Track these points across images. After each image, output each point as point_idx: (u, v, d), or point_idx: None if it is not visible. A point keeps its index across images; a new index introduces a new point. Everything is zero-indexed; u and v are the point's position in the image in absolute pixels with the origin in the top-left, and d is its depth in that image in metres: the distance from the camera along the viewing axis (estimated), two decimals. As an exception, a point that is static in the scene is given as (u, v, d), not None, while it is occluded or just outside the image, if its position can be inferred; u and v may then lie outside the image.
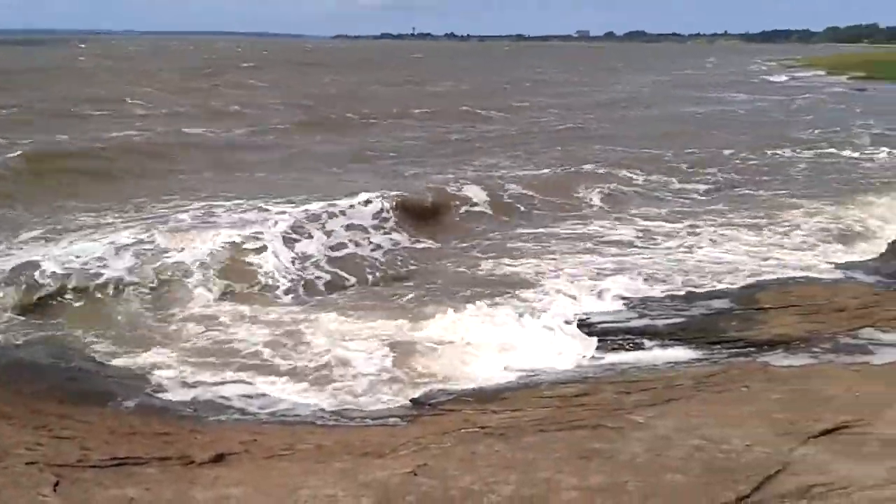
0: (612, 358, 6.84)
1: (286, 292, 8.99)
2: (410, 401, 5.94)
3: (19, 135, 18.24)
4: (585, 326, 7.51)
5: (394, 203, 12.14)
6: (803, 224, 11.98)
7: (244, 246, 9.84)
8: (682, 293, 8.61)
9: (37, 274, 8.66)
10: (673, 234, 11.57)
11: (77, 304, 8.39)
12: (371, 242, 10.97)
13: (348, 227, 11.24)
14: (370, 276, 9.82)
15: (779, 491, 4.11)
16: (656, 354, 7.04)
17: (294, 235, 10.52)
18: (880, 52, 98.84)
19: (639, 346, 7.20)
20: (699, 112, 30.07)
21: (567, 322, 7.41)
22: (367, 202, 12.02)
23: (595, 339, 7.13)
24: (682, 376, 6.13)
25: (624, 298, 8.44)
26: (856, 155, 19.02)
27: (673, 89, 44.10)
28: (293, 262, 9.76)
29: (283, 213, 11.39)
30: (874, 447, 4.54)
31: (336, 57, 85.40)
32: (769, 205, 13.41)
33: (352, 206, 11.80)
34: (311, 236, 10.63)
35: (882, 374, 5.93)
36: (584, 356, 6.83)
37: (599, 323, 7.71)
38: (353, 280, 9.61)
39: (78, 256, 9.25)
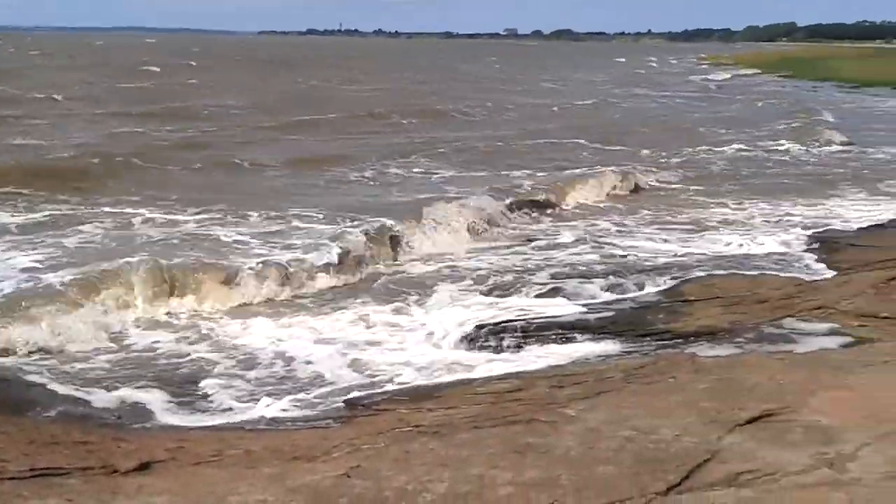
0: (545, 351, 6.89)
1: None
2: (344, 402, 5.85)
3: None
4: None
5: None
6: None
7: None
8: (613, 287, 8.74)
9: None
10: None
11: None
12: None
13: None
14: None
15: (707, 479, 4.18)
16: (588, 348, 7.12)
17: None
18: (799, 50, 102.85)
19: (571, 340, 7.28)
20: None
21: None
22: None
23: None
24: (612, 369, 6.20)
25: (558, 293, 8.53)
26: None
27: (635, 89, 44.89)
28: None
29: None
30: (798, 434, 4.66)
31: (274, 53, 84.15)
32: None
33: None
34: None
35: (804, 362, 6.10)
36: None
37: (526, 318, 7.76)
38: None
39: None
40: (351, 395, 5.96)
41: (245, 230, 10.89)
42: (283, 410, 5.79)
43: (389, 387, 6.15)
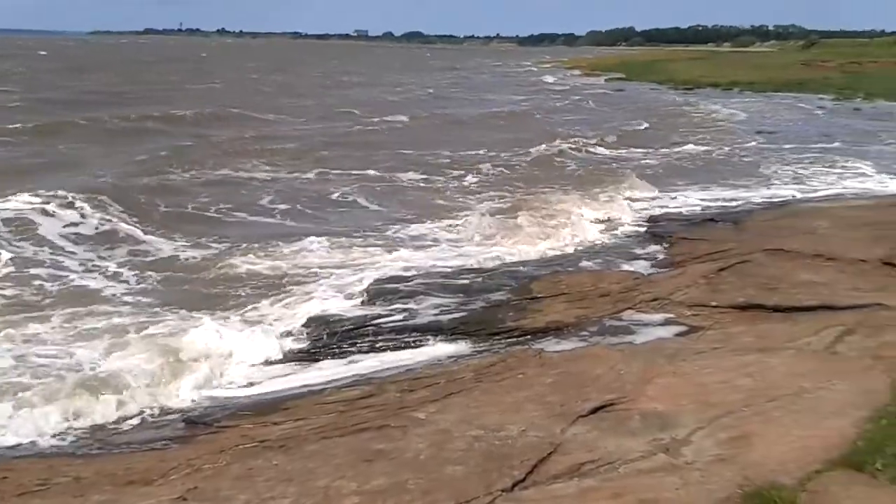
0: (397, 356, 6.86)
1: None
2: (183, 420, 5.58)
3: None
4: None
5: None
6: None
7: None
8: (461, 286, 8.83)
9: None
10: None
11: None
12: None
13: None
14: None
15: (552, 472, 4.28)
16: (440, 349, 7.15)
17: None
18: (638, 54, 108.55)
19: (424, 343, 7.28)
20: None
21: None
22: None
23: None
24: (463, 369, 6.24)
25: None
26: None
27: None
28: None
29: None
30: (636, 422, 4.86)
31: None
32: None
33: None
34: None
35: (642, 352, 6.37)
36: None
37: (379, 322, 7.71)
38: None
39: None
40: (191, 413, 5.69)
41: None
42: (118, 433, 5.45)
43: (233, 400, 5.91)
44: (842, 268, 8.24)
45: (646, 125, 27.25)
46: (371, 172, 16.51)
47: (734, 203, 13.93)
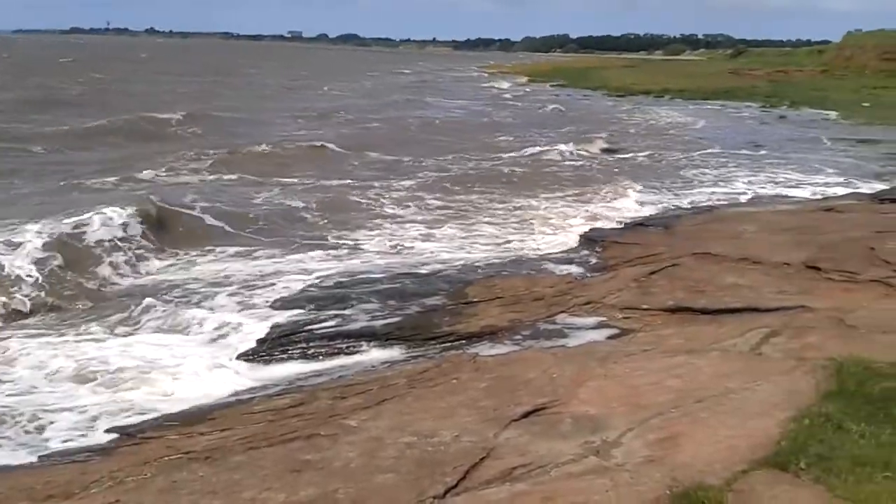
0: (328, 363, 6.76)
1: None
2: (107, 431, 5.39)
3: None
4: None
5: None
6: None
7: None
8: (397, 291, 8.77)
9: None
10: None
11: None
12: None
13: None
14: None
15: (484, 477, 4.26)
16: (374, 355, 7.08)
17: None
18: (573, 61, 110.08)
19: (358, 349, 7.20)
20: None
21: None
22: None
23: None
24: (397, 375, 6.19)
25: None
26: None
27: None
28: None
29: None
30: (567, 425, 4.87)
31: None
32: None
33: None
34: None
35: (575, 355, 6.41)
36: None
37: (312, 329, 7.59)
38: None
39: None
40: (115, 424, 5.50)
41: None
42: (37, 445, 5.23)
43: (159, 410, 5.74)
44: (767, 271, 8.45)
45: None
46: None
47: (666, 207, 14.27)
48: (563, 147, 21.88)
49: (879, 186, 16.16)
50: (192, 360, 6.71)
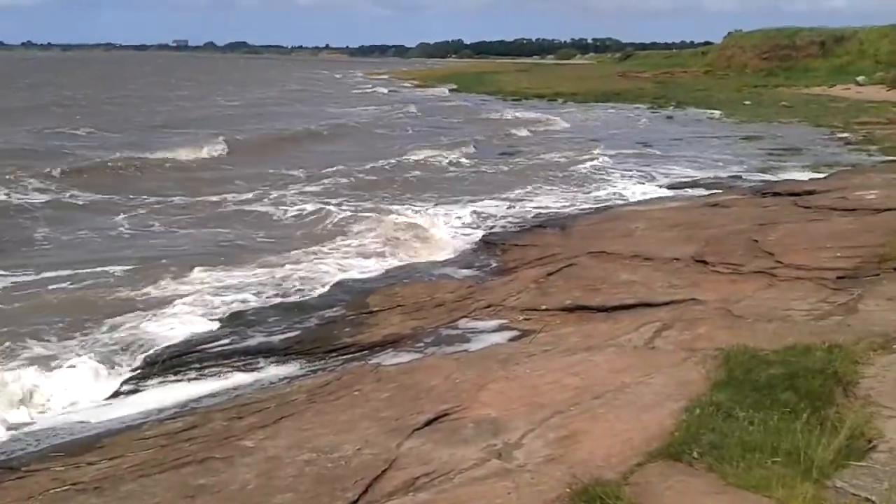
0: (223, 383, 6.55)
1: None
2: (-13, 466, 5.05)
3: None
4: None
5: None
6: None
7: None
8: (295, 304, 8.61)
9: None
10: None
11: None
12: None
13: None
14: None
15: (387, 489, 4.20)
16: (273, 372, 6.91)
17: None
18: (467, 66, 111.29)
19: (254, 366, 7.00)
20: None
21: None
22: None
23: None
24: (296, 390, 6.05)
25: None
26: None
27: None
28: None
29: None
30: (469, 430, 4.86)
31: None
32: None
33: None
34: None
35: (477, 359, 6.43)
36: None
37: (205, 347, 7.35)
38: None
39: None
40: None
41: None
42: None
43: (42, 442, 5.42)
44: (658, 266, 8.72)
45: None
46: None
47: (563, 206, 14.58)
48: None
49: (761, 180, 16.99)
50: (75, 383, 6.38)
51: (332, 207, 14.30)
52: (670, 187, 16.81)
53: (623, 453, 4.21)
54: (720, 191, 15.26)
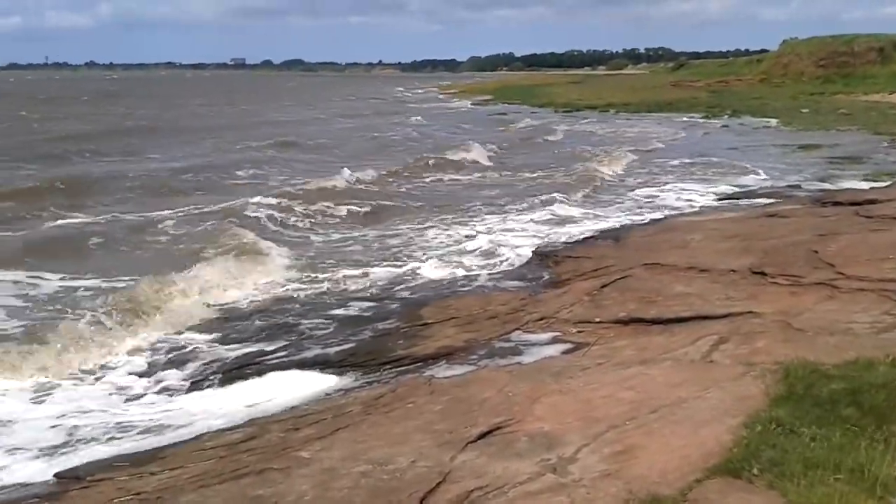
0: (281, 394, 6.65)
1: None
2: (55, 475, 5.22)
3: None
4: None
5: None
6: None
7: None
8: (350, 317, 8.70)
9: None
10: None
11: None
12: None
13: None
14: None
15: (441, 502, 4.21)
16: (327, 383, 6.99)
17: None
18: (518, 79, 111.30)
19: (310, 378, 7.10)
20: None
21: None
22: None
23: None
24: (352, 402, 6.11)
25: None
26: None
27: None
28: None
29: None
30: (523, 443, 4.85)
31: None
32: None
33: None
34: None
35: (530, 372, 6.41)
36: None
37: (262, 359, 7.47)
38: None
39: None
40: (61, 467, 5.33)
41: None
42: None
43: (106, 452, 5.57)
44: (714, 278, 8.58)
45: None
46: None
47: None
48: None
49: (820, 189, 16.60)
50: (139, 392, 6.56)
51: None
52: (726, 197, 16.55)
53: (680, 469, 4.15)
54: (778, 201, 14.94)
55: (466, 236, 13.12)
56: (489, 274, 10.68)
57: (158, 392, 6.88)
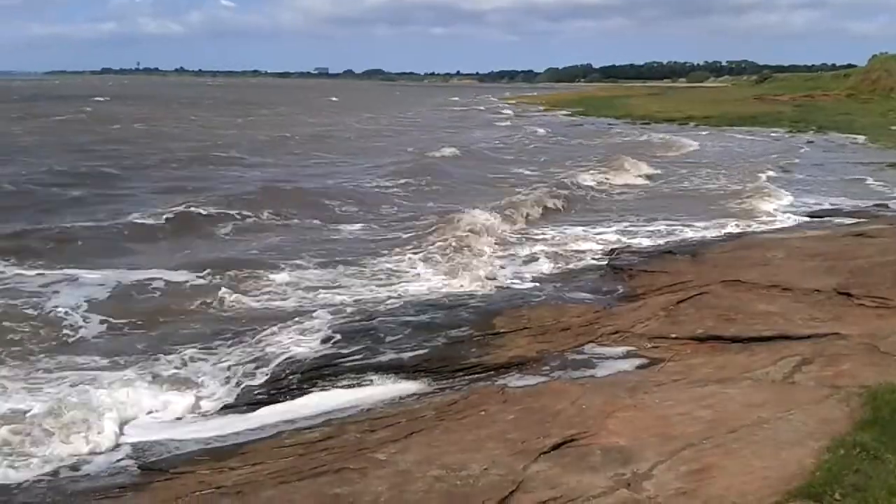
0: (357, 396, 6.77)
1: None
2: (139, 467, 5.43)
3: None
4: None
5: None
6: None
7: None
8: (423, 323, 8.78)
9: None
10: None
11: None
12: None
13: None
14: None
15: (514, 511, 4.24)
16: (402, 387, 7.08)
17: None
18: (597, 90, 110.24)
19: (385, 382, 7.20)
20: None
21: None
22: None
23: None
24: (425, 407, 6.19)
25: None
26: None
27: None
28: None
29: None
30: (597, 457, 4.84)
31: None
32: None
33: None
34: None
35: (603, 385, 6.38)
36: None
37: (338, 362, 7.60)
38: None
39: None
40: (146, 459, 5.54)
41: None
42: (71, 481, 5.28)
43: (189, 447, 5.77)
44: (797, 298, 8.36)
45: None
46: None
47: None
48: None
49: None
50: (219, 391, 6.76)
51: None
52: (811, 215, 16.07)
53: (760, 491, 4.08)
54: (865, 219, 14.46)
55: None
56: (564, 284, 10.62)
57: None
